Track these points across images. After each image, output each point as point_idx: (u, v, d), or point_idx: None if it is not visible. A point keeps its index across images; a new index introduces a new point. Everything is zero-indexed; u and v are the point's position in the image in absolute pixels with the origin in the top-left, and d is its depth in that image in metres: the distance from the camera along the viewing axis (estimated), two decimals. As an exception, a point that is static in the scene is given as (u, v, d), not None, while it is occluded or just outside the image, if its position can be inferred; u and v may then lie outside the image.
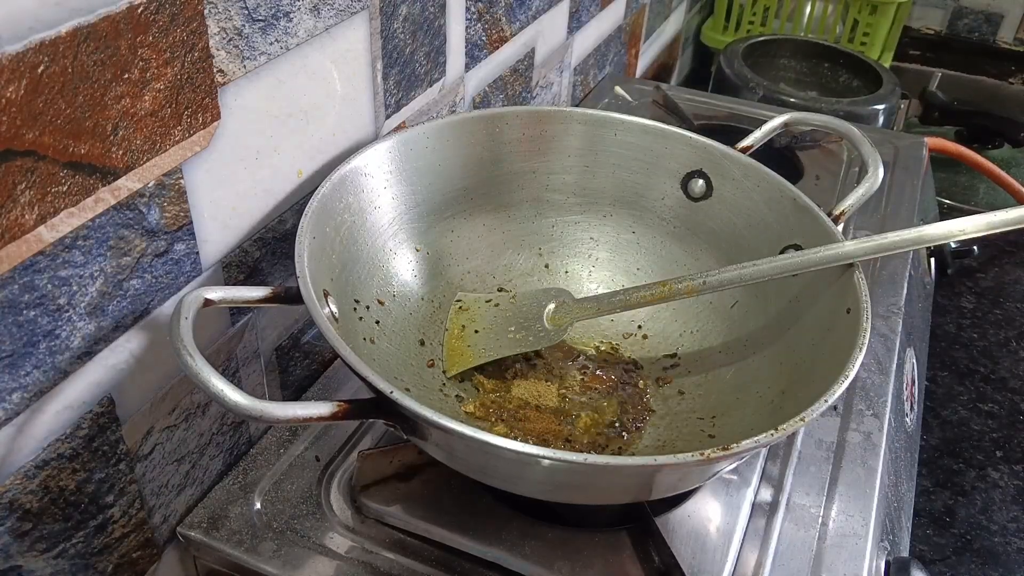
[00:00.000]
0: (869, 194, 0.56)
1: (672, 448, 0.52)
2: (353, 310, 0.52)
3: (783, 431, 0.39)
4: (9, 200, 0.34)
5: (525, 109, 0.62)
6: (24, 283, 0.36)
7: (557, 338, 0.56)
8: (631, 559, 0.48)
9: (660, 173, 0.62)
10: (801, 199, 0.56)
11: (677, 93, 1.01)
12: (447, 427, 0.37)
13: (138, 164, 0.40)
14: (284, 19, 0.47)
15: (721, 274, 0.52)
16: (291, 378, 0.59)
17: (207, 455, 0.52)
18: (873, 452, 0.56)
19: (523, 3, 0.76)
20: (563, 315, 0.56)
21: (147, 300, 0.44)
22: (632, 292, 0.55)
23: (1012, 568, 0.73)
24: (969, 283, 1.04)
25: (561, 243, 0.65)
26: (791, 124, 0.63)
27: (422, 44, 0.62)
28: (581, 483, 0.42)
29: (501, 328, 0.57)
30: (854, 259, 0.50)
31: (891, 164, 0.91)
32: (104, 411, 0.43)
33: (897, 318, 0.68)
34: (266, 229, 0.51)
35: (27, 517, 0.40)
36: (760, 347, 0.55)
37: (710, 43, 1.42)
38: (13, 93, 0.33)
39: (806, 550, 0.50)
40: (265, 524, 0.49)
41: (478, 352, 0.56)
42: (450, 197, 0.61)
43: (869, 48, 1.32)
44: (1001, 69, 1.59)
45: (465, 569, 0.48)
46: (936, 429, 0.85)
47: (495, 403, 0.54)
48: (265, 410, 0.37)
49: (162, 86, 0.40)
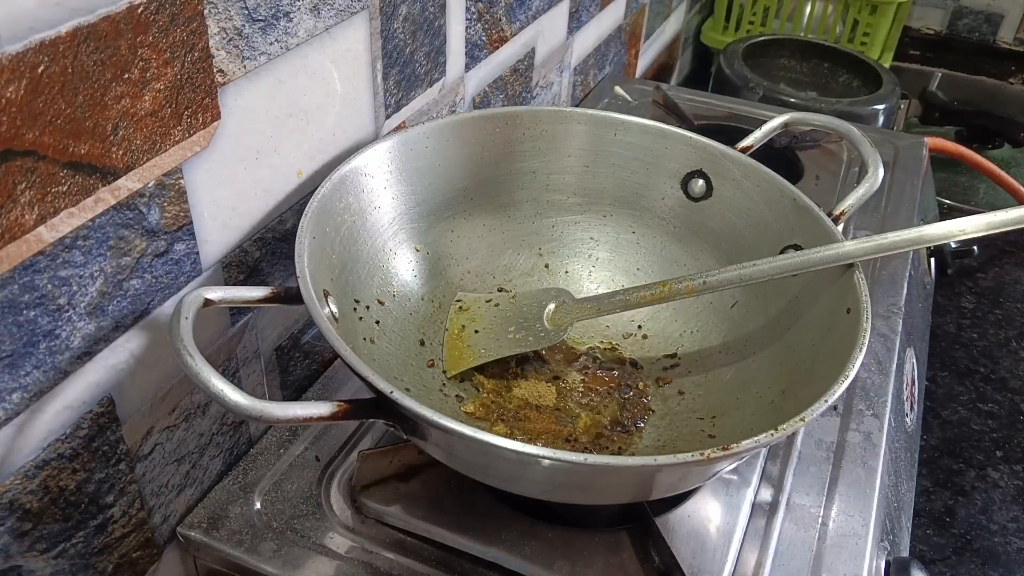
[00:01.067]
0: (869, 194, 0.56)
1: (672, 448, 0.52)
2: (353, 310, 0.52)
3: (783, 431, 0.39)
4: (9, 200, 0.34)
5: (525, 109, 0.62)
6: (24, 283, 0.36)
7: (557, 338, 0.56)
8: (631, 559, 0.48)
9: (660, 173, 0.62)
10: (801, 199, 0.56)
11: (677, 93, 1.01)
12: (447, 427, 0.37)
13: (138, 164, 0.40)
14: (284, 19, 0.47)
15: (721, 274, 0.52)
16: (291, 378, 0.59)
17: (207, 455, 0.52)
18: (873, 452, 0.56)
19: (523, 3, 0.76)
20: (563, 315, 0.56)
21: (147, 300, 0.44)
22: (632, 292, 0.55)
23: (1012, 568, 0.73)
24: (969, 283, 1.04)
25: (561, 243, 0.65)
26: (791, 124, 0.63)
27: (422, 44, 0.62)
28: (581, 483, 0.42)
29: (501, 328, 0.57)
30: (854, 259, 0.50)
31: (891, 164, 0.91)
32: (104, 411, 0.43)
33: (897, 318, 0.68)
34: (266, 229, 0.51)
35: (27, 517, 0.40)
36: (760, 347, 0.55)
37: (710, 43, 1.42)
38: (13, 93, 0.33)
39: (806, 550, 0.50)
40: (265, 524, 0.49)
41: (478, 352, 0.56)
42: (450, 197, 0.61)
43: (869, 48, 1.32)
44: (1001, 69, 1.59)
45: (465, 569, 0.48)
46: (936, 429, 0.85)
47: (495, 403, 0.54)
48: (265, 410, 0.37)
49: (162, 86, 0.40)
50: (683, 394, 0.56)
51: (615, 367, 0.58)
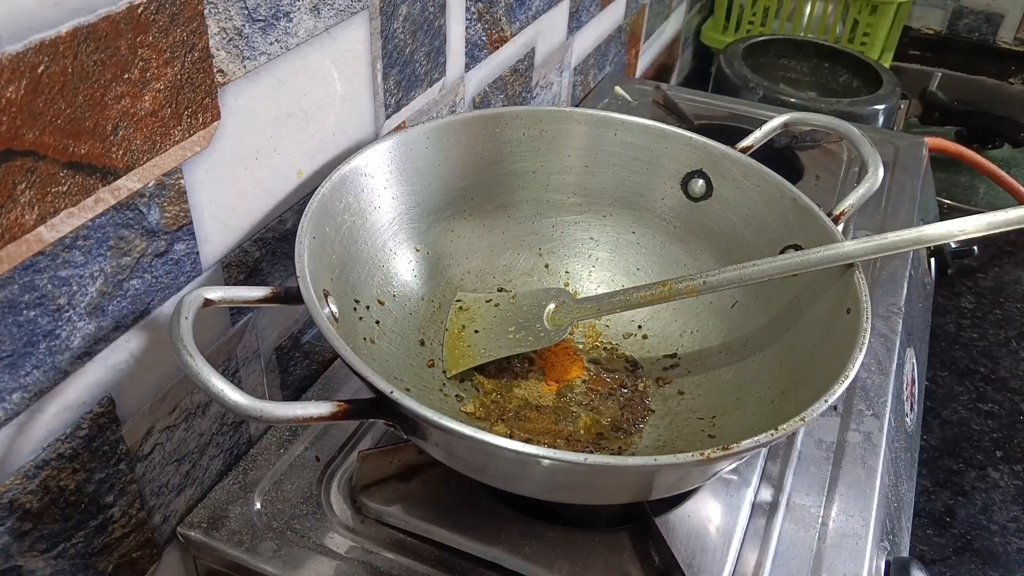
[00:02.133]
0: (869, 194, 0.56)
1: (672, 448, 0.52)
2: (353, 310, 0.52)
3: (783, 431, 0.39)
4: (9, 200, 0.34)
5: (525, 109, 0.62)
6: (24, 283, 0.36)
7: (557, 338, 0.56)
8: (631, 559, 0.48)
9: (660, 173, 0.62)
10: (801, 199, 0.56)
11: (677, 93, 1.01)
12: (447, 427, 0.37)
13: (138, 164, 0.40)
14: (284, 19, 0.47)
15: (721, 274, 0.52)
16: (291, 378, 0.59)
17: (207, 455, 0.52)
18: (873, 452, 0.56)
19: (523, 3, 0.76)
20: (563, 315, 0.56)
21: (147, 300, 0.44)
22: (632, 292, 0.55)
23: (1012, 568, 0.73)
24: (969, 283, 1.04)
25: (561, 243, 0.65)
26: (791, 124, 0.63)
27: (422, 44, 0.62)
28: (581, 483, 0.42)
29: (501, 328, 0.57)
30: (854, 259, 0.50)
31: (891, 164, 0.91)
32: (104, 411, 0.43)
33: (897, 318, 0.68)
34: (266, 229, 0.51)
35: (27, 517, 0.40)
36: (760, 347, 0.55)
37: (710, 43, 1.42)
38: (13, 93, 0.33)
39: (806, 550, 0.50)
40: (265, 524, 0.49)
41: (478, 352, 0.56)
42: (450, 197, 0.61)
43: (869, 48, 1.32)
44: (1001, 69, 1.59)
45: (465, 569, 0.48)
46: (936, 429, 0.85)
47: (495, 403, 0.54)
48: (265, 410, 0.37)
49: (162, 86, 0.40)
50: (683, 394, 0.56)
51: (615, 367, 0.58)
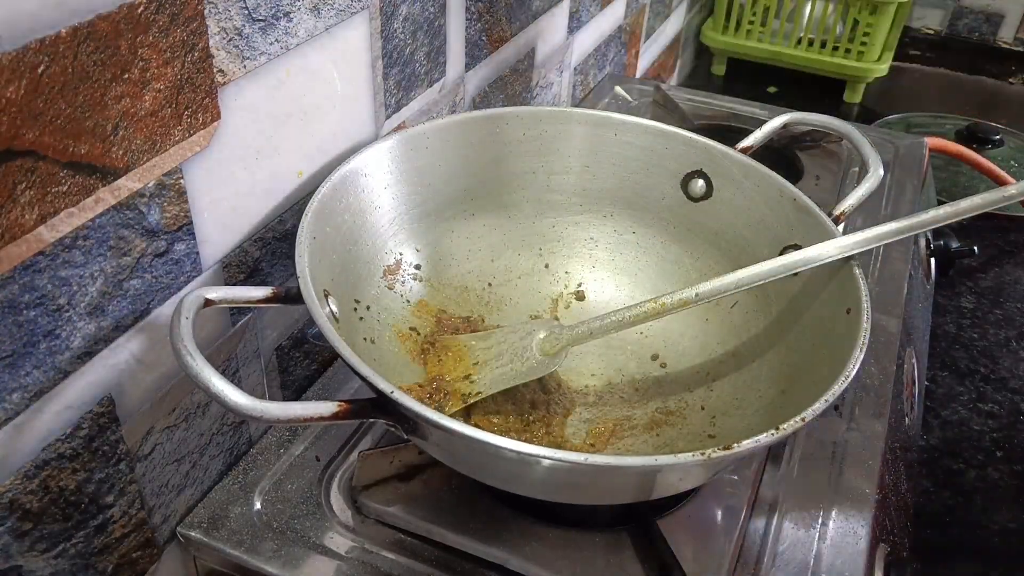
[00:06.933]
0: (869, 194, 0.56)
1: (672, 448, 0.52)
2: (353, 310, 0.52)
3: (783, 431, 0.39)
4: (9, 200, 0.34)
5: (525, 109, 0.62)
6: (24, 283, 0.36)
7: (552, 366, 0.52)
8: (631, 559, 0.48)
9: (660, 173, 0.62)
10: (801, 199, 0.56)
11: (677, 93, 1.01)
12: (447, 427, 0.37)
13: (138, 164, 0.40)
14: (284, 19, 0.47)
15: (713, 283, 0.50)
16: (291, 378, 0.59)
17: (207, 455, 0.52)
18: (873, 452, 0.56)
19: (523, 3, 0.76)
20: (553, 343, 0.53)
21: (147, 300, 0.44)
22: (624, 312, 0.52)
23: (1012, 568, 0.73)
24: (969, 283, 1.03)
25: (561, 243, 0.65)
26: (791, 124, 0.63)
27: (422, 44, 0.62)
28: (582, 483, 0.42)
29: (490, 364, 0.53)
30: (851, 251, 0.50)
31: (891, 164, 0.91)
32: (104, 411, 0.43)
33: (897, 318, 0.68)
34: (266, 229, 0.51)
35: (27, 517, 0.40)
36: (760, 347, 0.55)
37: (710, 43, 1.42)
38: (13, 93, 0.33)
39: (806, 550, 0.50)
40: (265, 524, 0.49)
41: (471, 390, 0.52)
42: (450, 197, 0.61)
43: (869, 48, 1.32)
44: (1001, 69, 1.59)
45: (465, 569, 0.48)
46: (936, 429, 0.85)
47: None
48: (265, 410, 0.37)
49: (162, 86, 0.40)
50: (683, 394, 0.56)
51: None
